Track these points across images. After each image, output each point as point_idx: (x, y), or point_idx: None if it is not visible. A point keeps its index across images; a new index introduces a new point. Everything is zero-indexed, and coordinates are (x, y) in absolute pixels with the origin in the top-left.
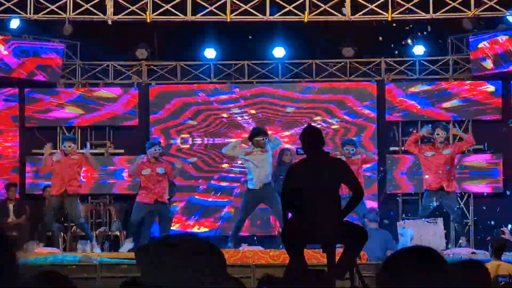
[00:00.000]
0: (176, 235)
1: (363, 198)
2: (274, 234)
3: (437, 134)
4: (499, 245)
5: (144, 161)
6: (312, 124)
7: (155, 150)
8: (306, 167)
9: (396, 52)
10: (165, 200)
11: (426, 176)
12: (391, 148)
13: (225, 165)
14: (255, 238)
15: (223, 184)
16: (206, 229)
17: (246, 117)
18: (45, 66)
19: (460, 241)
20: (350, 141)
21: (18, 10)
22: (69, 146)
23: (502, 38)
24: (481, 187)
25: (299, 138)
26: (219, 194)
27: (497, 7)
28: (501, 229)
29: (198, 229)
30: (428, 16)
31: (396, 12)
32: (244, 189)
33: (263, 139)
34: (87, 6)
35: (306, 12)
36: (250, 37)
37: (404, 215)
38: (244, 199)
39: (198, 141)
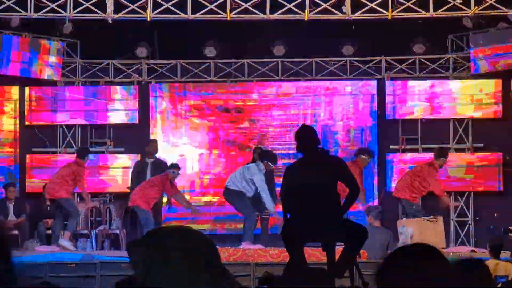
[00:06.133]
0: (169, 228)
1: None
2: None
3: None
4: (497, 244)
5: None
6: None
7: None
8: (302, 166)
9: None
10: None
11: None
12: (391, 147)
13: None
14: None
15: None
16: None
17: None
18: (45, 64)
19: None
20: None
21: (18, 9)
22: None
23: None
24: (480, 185)
25: (294, 138)
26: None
27: (498, 5)
28: (510, 227)
29: None
30: (428, 15)
31: (396, 11)
32: None
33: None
34: (87, 4)
35: (306, 11)
36: (250, 35)
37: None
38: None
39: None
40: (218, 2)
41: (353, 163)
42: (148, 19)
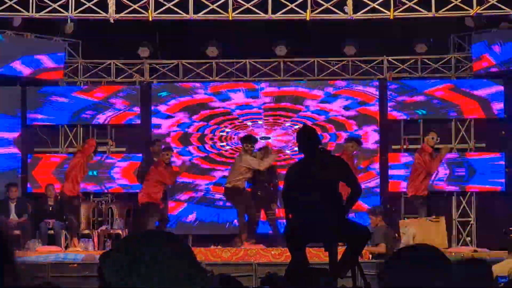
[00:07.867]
0: (140, 233)
1: None
2: None
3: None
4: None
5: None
6: (307, 124)
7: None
8: (304, 166)
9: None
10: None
11: None
12: (393, 147)
13: None
14: None
15: None
16: None
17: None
18: (47, 64)
19: None
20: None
21: (20, 9)
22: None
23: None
24: (483, 185)
25: (295, 138)
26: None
27: (500, 5)
28: (510, 228)
29: None
30: (430, 15)
31: (398, 11)
32: None
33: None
34: (89, 4)
35: (308, 10)
36: (251, 35)
37: (406, 213)
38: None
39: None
40: (220, 2)
41: (341, 153)
42: (150, 19)
